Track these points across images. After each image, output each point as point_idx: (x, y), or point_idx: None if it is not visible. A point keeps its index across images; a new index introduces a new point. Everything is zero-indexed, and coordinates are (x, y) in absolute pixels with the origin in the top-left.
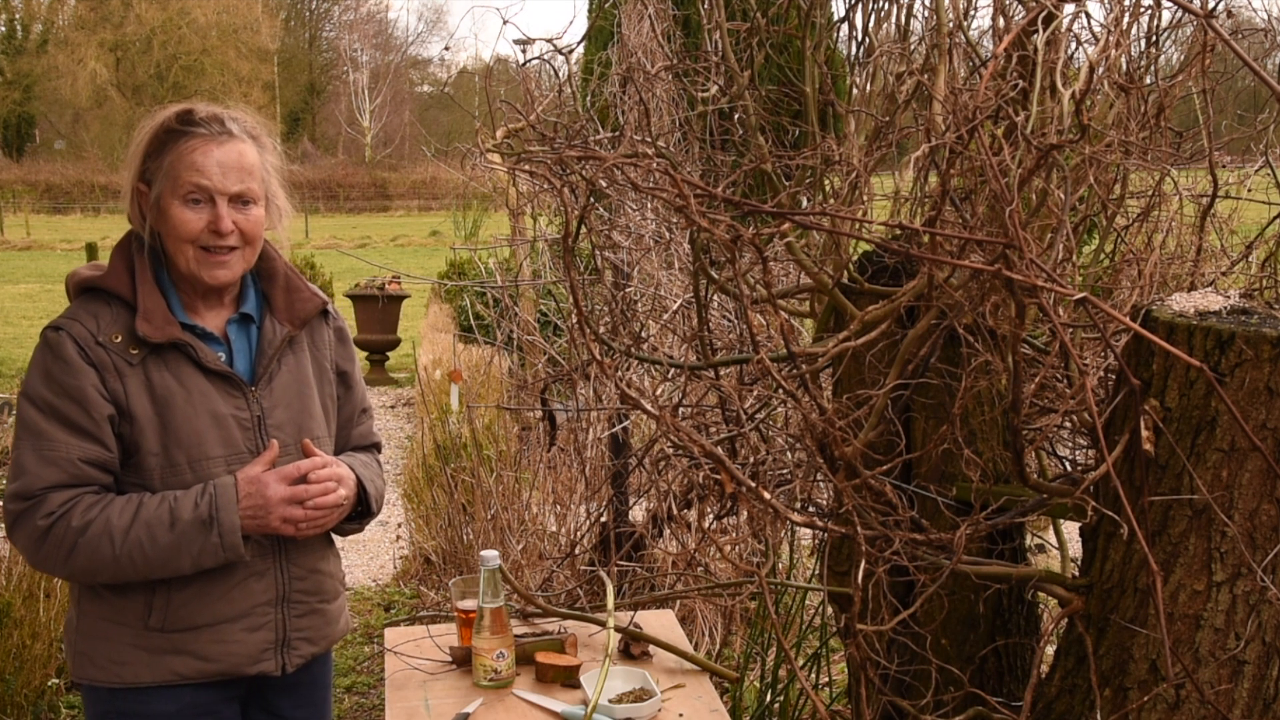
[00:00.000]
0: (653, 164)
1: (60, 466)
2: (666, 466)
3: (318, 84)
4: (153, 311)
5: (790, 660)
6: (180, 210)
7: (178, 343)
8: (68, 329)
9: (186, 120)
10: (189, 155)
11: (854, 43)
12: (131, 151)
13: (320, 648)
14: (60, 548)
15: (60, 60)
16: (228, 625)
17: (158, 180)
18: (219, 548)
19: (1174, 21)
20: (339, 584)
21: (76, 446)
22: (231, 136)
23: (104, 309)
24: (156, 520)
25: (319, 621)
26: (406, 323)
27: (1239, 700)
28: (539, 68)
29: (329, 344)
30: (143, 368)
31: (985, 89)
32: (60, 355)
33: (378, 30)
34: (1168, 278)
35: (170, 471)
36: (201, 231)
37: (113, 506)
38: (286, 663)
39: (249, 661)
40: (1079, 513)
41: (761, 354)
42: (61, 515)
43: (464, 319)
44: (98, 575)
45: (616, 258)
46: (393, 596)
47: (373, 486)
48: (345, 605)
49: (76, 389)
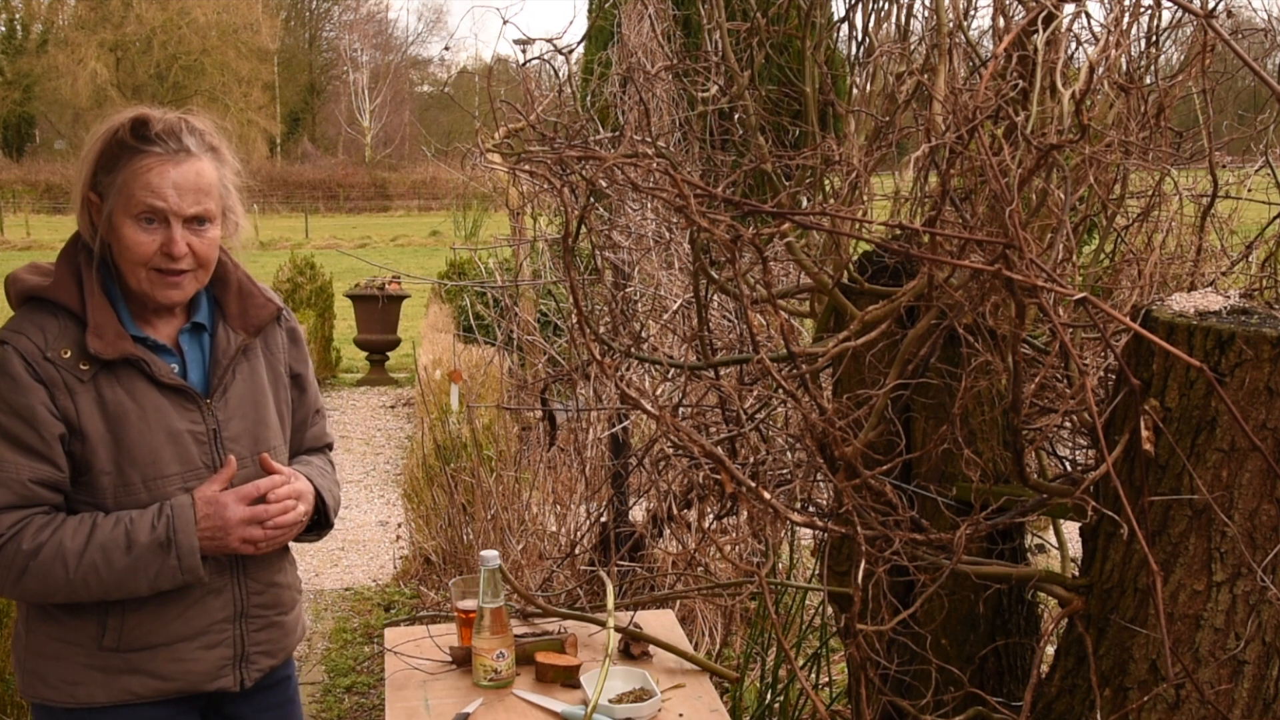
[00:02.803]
0: (653, 164)
1: (9, 488)
2: (666, 466)
3: (318, 84)
4: (103, 326)
5: (790, 660)
6: (133, 231)
7: (130, 358)
8: (14, 344)
9: (142, 136)
10: (144, 175)
11: (854, 43)
12: (83, 156)
13: (278, 660)
14: (10, 570)
15: (60, 60)
16: (184, 644)
17: (110, 195)
18: (177, 570)
19: (1174, 21)
20: (296, 593)
21: (26, 467)
22: (189, 154)
23: (50, 321)
24: (112, 543)
25: (277, 634)
26: (406, 323)
27: (1239, 700)
28: (539, 68)
29: (282, 347)
30: (94, 384)
31: (985, 89)
32: (7, 372)
33: (378, 30)
34: (1168, 278)
35: (124, 490)
36: (154, 254)
37: (65, 529)
38: (245, 678)
39: (206, 679)
40: (1079, 513)
41: (761, 354)
42: (11, 537)
43: (464, 319)
44: (50, 597)
45: (616, 258)
46: (393, 596)
47: (331, 497)
48: (301, 612)
49: (25, 408)
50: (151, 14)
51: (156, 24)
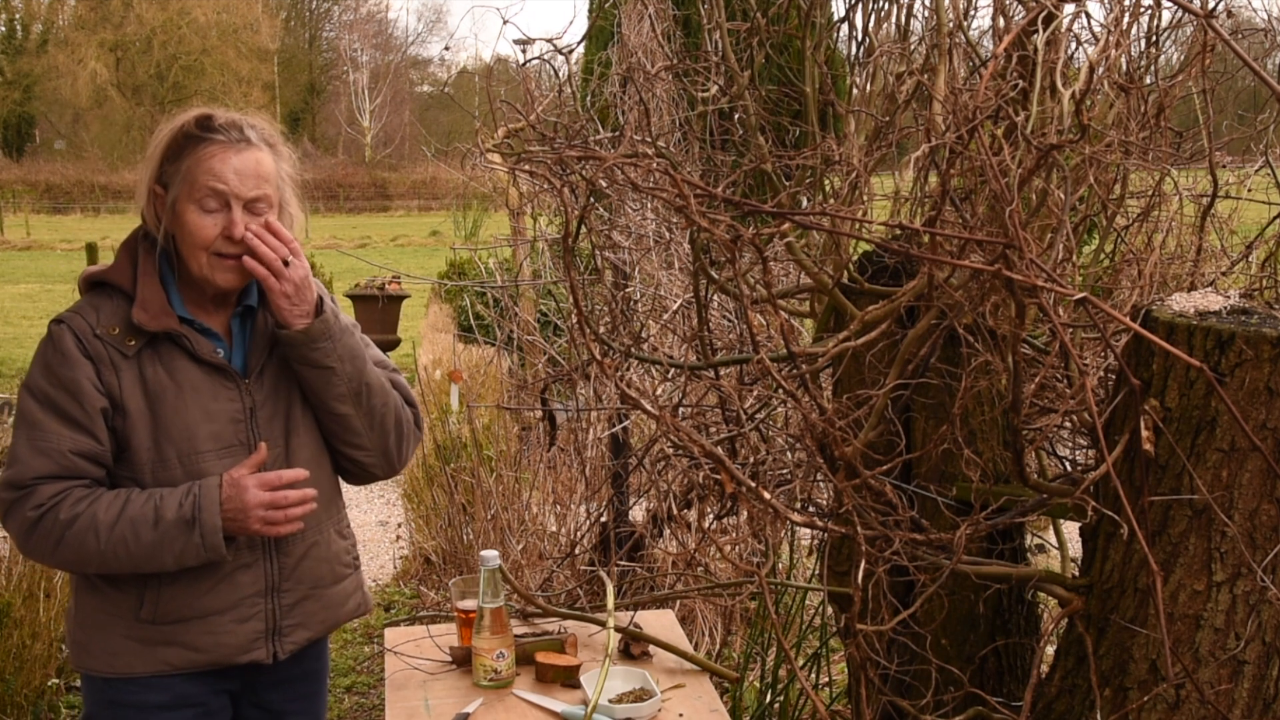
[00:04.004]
0: (653, 164)
1: (51, 457)
2: (666, 466)
3: (318, 84)
4: (150, 301)
5: (790, 660)
6: (195, 215)
7: (173, 334)
8: (69, 322)
9: (206, 126)
10: (207, 161)
11: (854, 43)
12: (150, 153)
13: (317, 632)
14: (48, 539)
15: (60, 60)
16: (217, 617)
17: (174, 184)
18: (200, 548)
19: (1174, 21)
20: (341, 566)
21: (68, 438)
22: (249, 144)
23: (105, 302)
24: (141, 518)
25: (315, 607)
26: (406, 323)
27: (1239, 700)
28: (539, 68)
29: None
30: (137, 361)
31: (985, 89)
32: (59, 348)
33: (378, 30)
34: (1168, 278)
35: (161, 466)
36: (215, 238)
37: (100, 502)
38: (279, 650)
39: (239, 651)
40: (1079, 513)
41: (761, 354)
42: (50, 508)
43: (464, 319)
44: (85, 566)
45: (616, 258)
46: (393, 596)
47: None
48: (357, 585)
49: (72, 381)
50: (151, 14)
51: (156, 24)
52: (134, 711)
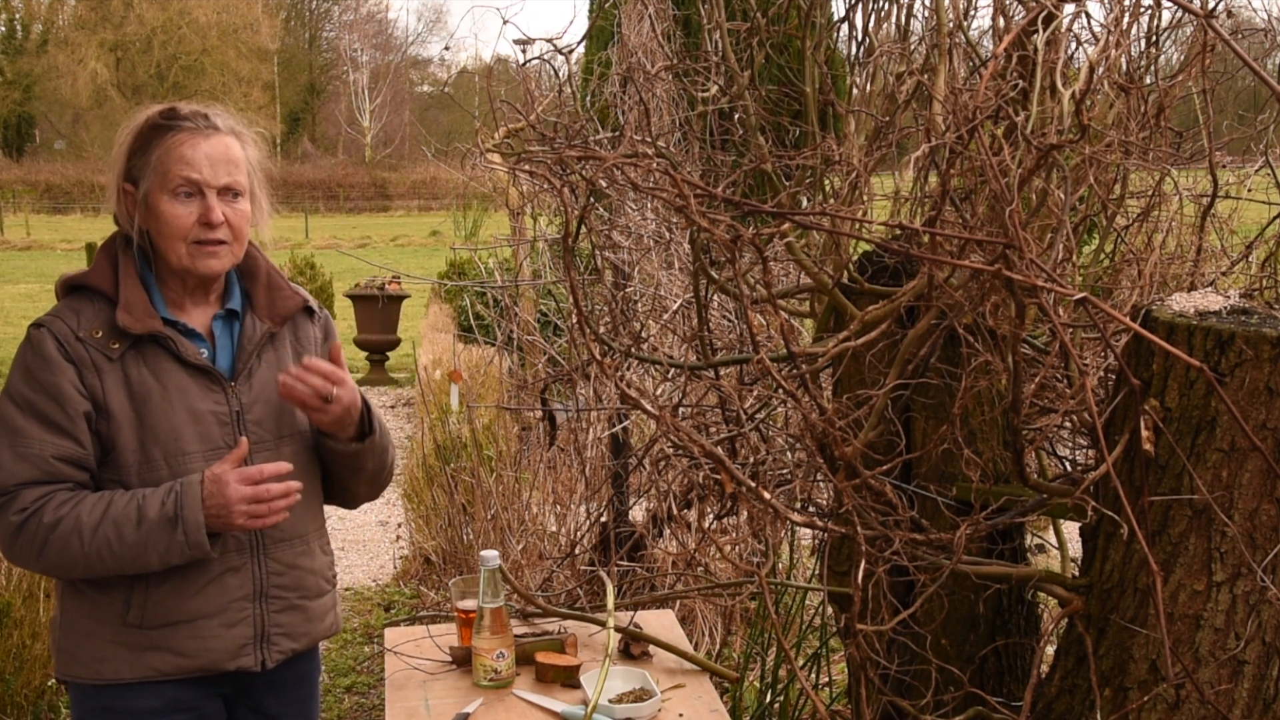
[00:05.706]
0: (653, 164)
1: (33, 463)
2: (666, 466)
3: (318, 84)
4: (134, 304)
5: (790, 660)
6: (170, 205)
7: (157, 336)
8: (50, 326)
9: (171, 116)
10: (177, 149)
11: (854, 43)
12: (115, 152)
13: (301, 645)
14: (32, 543)
15: (60, 60)
16: (205, 621)
17: (145, 177)
18: (184, 545)
19: (1174, 21)
20: (324, 581)
21: (50, 444)
22: (217, 130)
23: (86, 305)
24: (124, 518)
25: (299, 618)
26: (406, 323)
27: (1239, 700)
28: (539, 68)
29: (314, 341)
30: (121, 363)
31: (985, 89)
32: (40, 352)
33: (378, 30)
34: (1168, 278)
35: (147, 468)
36: (193, 225)
37: (83, 504)
38: (266, 658)
39: (227, 657)
40: (1079, 513)
41: (761, 354)
42: (34, 512)
43: (464, 319)
44: (70, 570)
45: (616, 258)
46: (393, 596)
47: (375, 413)
48: (334, 603)
49: (53, 385)
50: (151, 14)
51: (156, 24)
52: (127, 717)
